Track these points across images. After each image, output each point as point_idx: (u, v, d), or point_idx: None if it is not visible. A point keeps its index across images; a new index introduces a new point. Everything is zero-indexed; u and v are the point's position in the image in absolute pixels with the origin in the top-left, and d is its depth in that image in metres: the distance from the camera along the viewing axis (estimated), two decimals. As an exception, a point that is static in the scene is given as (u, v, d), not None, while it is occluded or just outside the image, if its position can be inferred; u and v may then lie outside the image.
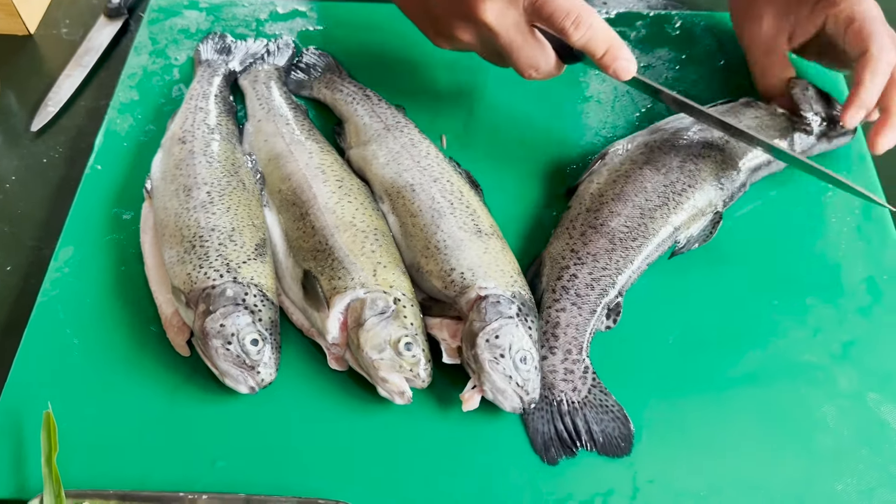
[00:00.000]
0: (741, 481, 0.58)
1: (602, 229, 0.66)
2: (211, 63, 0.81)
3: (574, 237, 0.67)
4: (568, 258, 0.65)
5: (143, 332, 0.64)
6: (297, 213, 0.67)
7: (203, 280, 0.61)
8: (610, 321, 0.64)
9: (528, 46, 0.65)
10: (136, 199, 0.72)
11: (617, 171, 0.71)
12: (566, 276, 0.64)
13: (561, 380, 0.61)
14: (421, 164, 0.70)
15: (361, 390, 0.61)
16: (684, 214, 0.68)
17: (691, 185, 0.69)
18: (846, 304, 0.67)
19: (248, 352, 0.59)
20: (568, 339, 0.62)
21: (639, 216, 0.67)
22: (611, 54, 0.64)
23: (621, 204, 0.68)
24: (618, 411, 0.60)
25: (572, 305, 0.63)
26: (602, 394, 0.61)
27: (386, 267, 0.63)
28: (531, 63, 0.66)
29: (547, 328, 0.63)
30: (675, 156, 0.70)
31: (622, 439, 0.59)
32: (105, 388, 0.62)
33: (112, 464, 0.58)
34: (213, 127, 0.73)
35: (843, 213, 0.73)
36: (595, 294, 0.63)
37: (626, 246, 0.65)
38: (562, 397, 0.61)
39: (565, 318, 0.63)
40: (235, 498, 0.56)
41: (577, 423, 0.60)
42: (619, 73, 0.64)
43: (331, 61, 0.82)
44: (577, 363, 0.61)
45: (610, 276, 0.64)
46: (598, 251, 0.65)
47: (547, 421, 0.60)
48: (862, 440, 0.60)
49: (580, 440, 0.59)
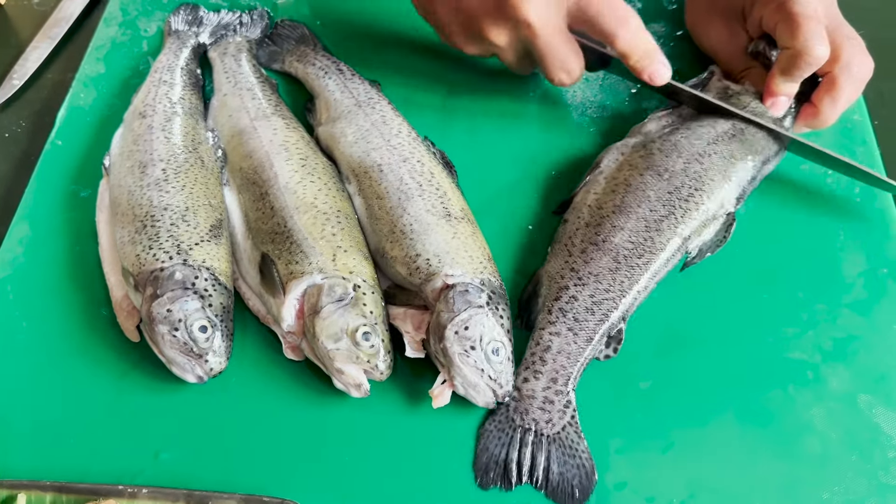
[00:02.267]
0: (719, 488, 0.55)
1: (604, 246, 0.61)
2: (180, 34, 0.77)
3: (574, 255, 0.61)
4: (567, 277, 0.60)
5: (93, 316, 0.62)
6: (257, 192, 0.63)
7: (151, 262, 0.58)
8: (610, 350, 0.59)
9: (564, 49, 0.64)
10: (95, 176, 0.69)
11: (615, 179, 0.65)
12: (564, 297, 0.59)
13: (538, 407, 0.57)
14: (391, 142, 0.66)
15: (318, 382, 0.58)
16: (694, 222, 0.62)
17: (699, 189, 0.63)
18: (841, 298, 0.63)
19: (196, 339, 0.55)
20: (556, 367, 0.57)
21: (644, 230, 0.61)
22: (649, 57, 0.64)
23: (623, 217, 0.62)
24: (586, 459, 0.55)
25: (568, 331, 0.58)
26: (576, 435, 0.56)
27: (347, 251, 0.59)
28: (565, 67, 0.65)
29: (536, 350, 0.58)
30: (677, 157, 0.64)
31: (579, 490, 0.54)
32: (49, 373, 0.59)
33: (51, 453, 0.56)
34: (175, 101, 0.69)
35: (841, 203, 0.68)
36: (595, 320, 0.58)
37: (632, 264, 0.60)
38: (531, 426, 0.56)
39: (558, 344, 0.58)
40: (176, 493, 0.53)
41: (538, 457, 0.55)
42: (654, 78, 0.65)
43: (305, 33, 0.78)
44: (559, 395, 0.57)
45: (613, 299, 0.59)
46: (600, 270, 0.60)
47: (503, 444, 0.56)
48: (852, 445, 0.56)
49: (531, 476, 0.55)
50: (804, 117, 0.68)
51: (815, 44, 0.62)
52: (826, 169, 0.69)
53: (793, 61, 0.64)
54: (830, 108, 0.66)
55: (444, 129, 0.73)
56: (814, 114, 0.67)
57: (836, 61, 0.64)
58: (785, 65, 0.65)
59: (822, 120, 0.67)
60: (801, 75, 0.65)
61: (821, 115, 0.66)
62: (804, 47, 0.63)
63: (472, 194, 0.66)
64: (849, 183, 0.69)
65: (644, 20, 0.70)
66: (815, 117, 0.67)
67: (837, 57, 0.64)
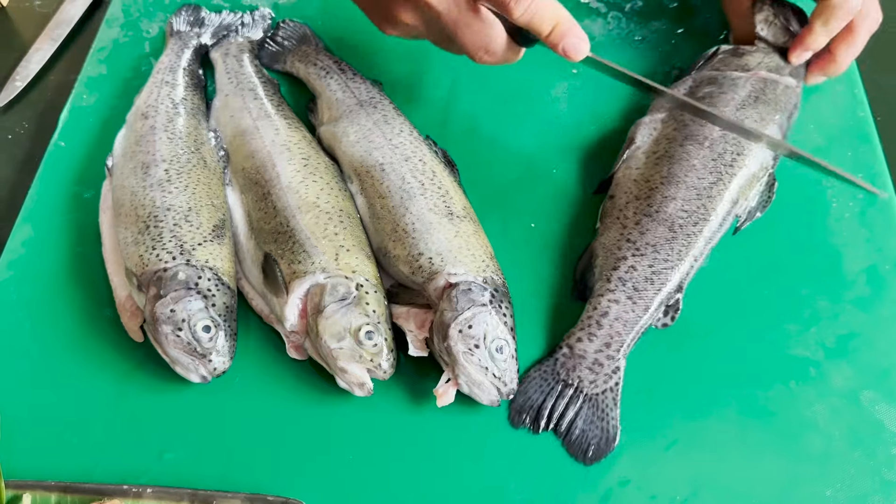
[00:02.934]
0: (721, 485, 0.54)
1: (658, 216, 0.62)
2: (182, 35, 0.77)
3: (628, 226, 0.62)
4: (625, 248, 0.61)
5: (96, 316, 0.62)
6: (259, 192, 0.63)
7: (155, 262, 0.58)
8: (668, 318, 0.60)
9: (473, 25, 0.59)
10: (97, 177, 0.69)
11: (655, 152, 0.66)
12: (623, 267, 0.60)
13: (586, 367, 0.58)
14: (393, 142, 0.66)
15: (321, 381, 0.58)
16: (741, 185, 0.64)
17: (740, 153, 0.64)
18: (844, 295, 0.63)
19: (200, 339, 0.56)
20: (611, 332, 0.58)
21: (695, 197, 0.63)
22: (558, 31, 0.57)
23: (673, 187, 0.63)
24: (612, 426, 0.56)
25: (627, 299, 0.59)
26: (612, 402, 0.57)
27: (349, 251, 0.59)
28: (479, 44, 0.59)
29: (594, 314, 0.59)
30: (712, 125, 0.66)
31: (594, 450, 0.56)
32: (53, 373, 0.59)
33: (56, 453, 0.56)
34: (177, 102, 0.70)
35: (844, 198, 0.68)
36: (654, 289, 0.59)
37: (688, 232, 0.61)
38: (574, 382, 0.58)
39: (615, 311, 0.59)
40: (181, 492, 0.53)
41: (568, 409, 0.57)
42: (569, 52, 0.58)
43: (307, 33, 0.79)
44: (610, 359, 0.58)
45: (672, 268, 0.60)
46: (657, 241, 0.61)
47: (542, 392, 0.58)
48: (854, 442, 0.56)
49: (557, 425, 0.56)
50: (820, 66, 0.71)
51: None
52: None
53: (833, 12, 0.67)
54: (845, 55, 0.70)
55: (446, 128, 0.73)
56: (831, 60, 0.70)
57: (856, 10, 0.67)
58: (826, 16, 0.68)
59: (839, 65, 0.71)
60: (839, 27, 0.68)
61: (837, 60, 0.70)
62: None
63: (473, 193, 0.66)
64: (851, 179, 0.69)
65: (645, 18, 0.71)
66: (832, 63, 0.71)
67: (857, 6, 0.67)
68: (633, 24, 0.81)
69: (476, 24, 0.59)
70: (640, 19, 0.81)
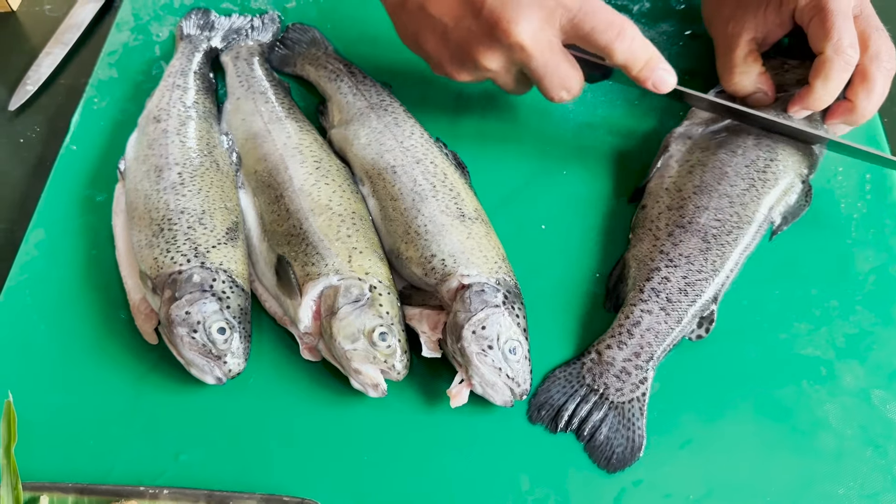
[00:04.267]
0: (735, 483, 0.55)
1: (691, 227, 0.62)
2: (192, 39, 0.78)
3: (661, 238, 0.62)
4: (658, 260, 0.61)
5: (110, 319, 0.62)
6: (272, 195, 0.64)
7: (169, 265, 0.58)
8: (702, 330, 0.60)
9: (562, 67, 0.62)
10: (110, 180, 0.69)
11: (688, 161, 0.66)
12: (656, 279, 0.60)
13: (613, 375, 0.58)
14: (404, 144, 0.67)
15: (335, 382, 0.59)
16: (775, 192, 0.63)
17: (773, 160, 0.64)
18: (854, 294, 0.63)
19: (215, 340, 0.56)
20: (642, 342, 0.58)
21: (728, 206, 0.62)
22: (650, 66, 0.61)
23: (706, 196, 0.63)
24: (638, 436, 0.56)
25: (661, 310, 0.59)
26: (639, 412, 0.57)
27: (362, 253, 0.60)
28: (564, 85, 0.63)
29: (625, 323, 0.59)
30: (746, 135, 0.66)
31: (618, 459, 0.56)
32: (68, 376, 0.59)
33: (73, 455, 0.56)
34: (189, 105, 0.70)
35: (853, 198, 0.68)
36: (688, 301, 0.59)
37: (722, 242, 0.61)
38: (600, 388, 0.58)
39: (648, 321, 0.59)
40: (197, 493, 0.53)
41: (593, 414, 0.57)
42: (659, 86, 0.62)
43: (316, 36, 0.79)
44: (638, 369, 0.58)
45: (706, 279, 0.60)
46: (691, 252, 0.61)
47: (565, 394, 0.58)
48: (866, 441, 0.56)
49: (579, 427, 0.57)
50: (840, 114, 0.65)
51: (851, 42, 0.61)
52: (837, 165, 0.70)
53: (830, 66, 0.62)
54: (866, 101, 0.63)
55: (456, 130, 0.73)
56: (850, 109, 0.64)
57: (865, 52, 0.62)
58: (825, 74, 0.62)
59: (860, 114, 0.64)
60: (843, 79, 0.62)
61: (857, 109, 0.64)
62: (842, 47, 0.61)
63: (484, 195, 0.67)
64: (860, 179, 0.69)
65: (652, 20, 0.71)
66: (851, 112, 0.64)
67: (866, 48, 0.62)
68: (641, 25, 0.80)
69: (564, 67, 0.62)
70: (647, 21, 0.81)
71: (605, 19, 0.59)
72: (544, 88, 0.64)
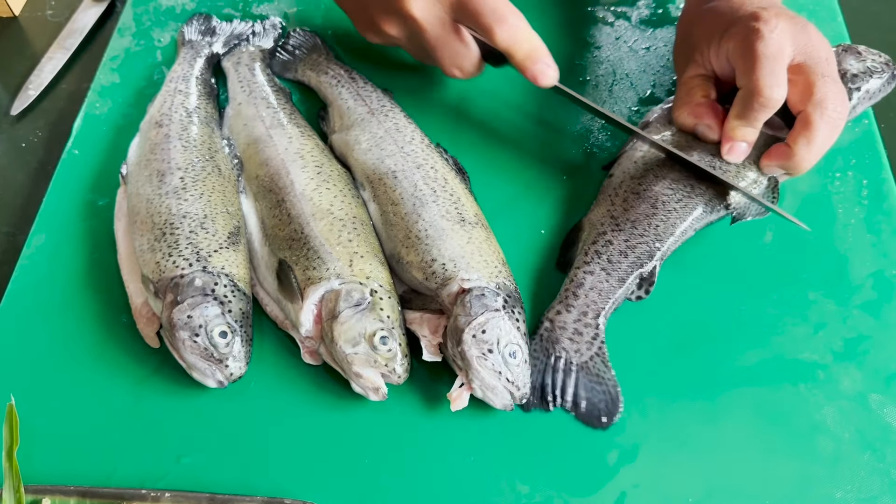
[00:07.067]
0: (733, 487, 0.55)
1: (645, 194, 0.64)
2: (194, 45, 0.78)
3: (616, 203, 0.64)
4: (606, 224, 0.63)
5: (112, 323, 0.62)
6: (273, 199, 0.64)
7: (171, 269, 0.58)
8: (641, 291, 0.62)
9: (453, 44, 0.64)
10: (112, 185, 0.69)
11: (662, 138, 0.68)
12: (601, 242, 0.62)
13: (567, 338, 0.59)
14: (404, 149, 0.67)
15: (336, 386, 0.59)
16: (735, 177, 0.64)
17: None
18: (851, 299, 0.63)
19: (217, 344, 0.56)
20: (587, 302, 0.60)
21: (685, 177, 0.64)
22: (531, 57, 0.62)
23: (667, 168, 0.65)
24: (612, 387, 0.58)
25: (601, 270, 0.61)
26: (603, 365, 0.59)
27: (363, 257, 0.60)
28: (454, 62, 0.65)
29: (570, 286, 0.61)
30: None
31: (604, 413, 0.57)
32: (70, 379, 0.60)
33: (74, 458, 0.56)
34: (191, 110, 0.70)
35: (850, 203, 0.69)
36: (628, 262, 0.61)
37: (669, 209, 0.63)
38: (561, 354, 0.59)
39: (590, 281, 0.61)
40: (199, 496, 0.53)
41: (567, 383, 0.58)
42: (539, 78, 0.63)
43: (317, 42, 0.79)
44: (588, 327, 0.60)
45: (648, 243, 0.62)
46: (637, 217, 0.63)
47: (539, 371, 0.59)
48: (864, 444, 0.57)
49: (563, 400, 0.58)
50: (777, 157, 0.63)
51: (769, 83, 0.59)
52: (834, 170, 0.70)
53: (746, 102, 0.60)
54: (805, 149, 0.60)
55: (457, 136, 0.74)
56: (787, 154, 0.62)
57: (809, 99, 0.60)
58: (740, 107, 0.61)
59: (797, 161, 0.61)
60: (757, 118, 0.61)
61: (795, 156, 0.61)
62: (757, 87, 0.59)
63: (484, 199, 0.67)
64: (857, 184, 0.70)
65: (650, 27, 0.72)
66: (788, 158, 0.62)
67: (810, 95, 0.60)
68: (640, 32, 0.82)
69: (455, 44, 0.64)
70: (646, 28, 0.82)
71: (488, 4, 0.61)
72: (437, 62, 0.66)
